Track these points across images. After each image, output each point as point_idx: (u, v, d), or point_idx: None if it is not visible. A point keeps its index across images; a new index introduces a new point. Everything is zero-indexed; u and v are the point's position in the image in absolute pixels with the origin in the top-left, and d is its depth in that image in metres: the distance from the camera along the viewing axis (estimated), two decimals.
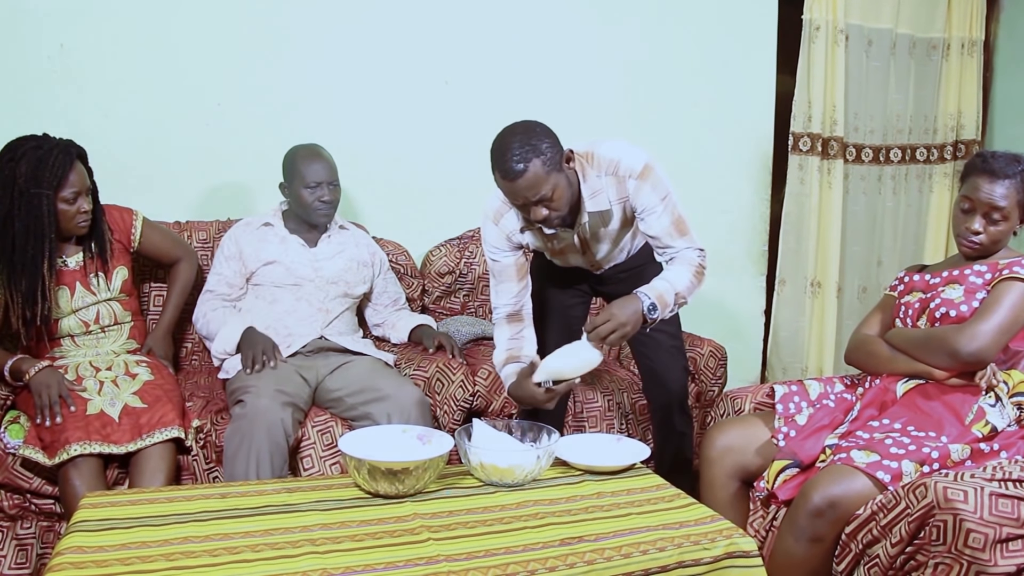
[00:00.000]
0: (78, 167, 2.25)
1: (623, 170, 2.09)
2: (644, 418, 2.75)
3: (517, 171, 1.92)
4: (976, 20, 3.83)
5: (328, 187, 2.55)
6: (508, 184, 1.95)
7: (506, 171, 1.93)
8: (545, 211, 2.00)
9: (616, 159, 2.09)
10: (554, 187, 1.98)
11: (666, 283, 2.08)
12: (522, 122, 2.00)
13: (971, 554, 1.57)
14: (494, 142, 1.99)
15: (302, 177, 2.52)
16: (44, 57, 2.71)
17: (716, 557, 1.53)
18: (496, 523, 1.60)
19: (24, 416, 2.17)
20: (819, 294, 3.72)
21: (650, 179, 2.09)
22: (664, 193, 2.10)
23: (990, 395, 1.93)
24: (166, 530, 1.51)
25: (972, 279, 2.03)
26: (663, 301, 2.04)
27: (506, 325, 2.25)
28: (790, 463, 1.94)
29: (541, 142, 1.95)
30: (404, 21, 3.10)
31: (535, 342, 2.26)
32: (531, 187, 1.94)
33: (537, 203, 1.98)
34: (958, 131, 3.90)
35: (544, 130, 1.99)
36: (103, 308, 2.37)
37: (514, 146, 1.92)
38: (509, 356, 2.22)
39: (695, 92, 3.53)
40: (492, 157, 1.97)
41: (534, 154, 1.93)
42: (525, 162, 1.92)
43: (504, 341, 2.24)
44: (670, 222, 2.12)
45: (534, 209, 2.00)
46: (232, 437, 2.15)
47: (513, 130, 1.97)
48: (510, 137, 1.95)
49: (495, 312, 2.28)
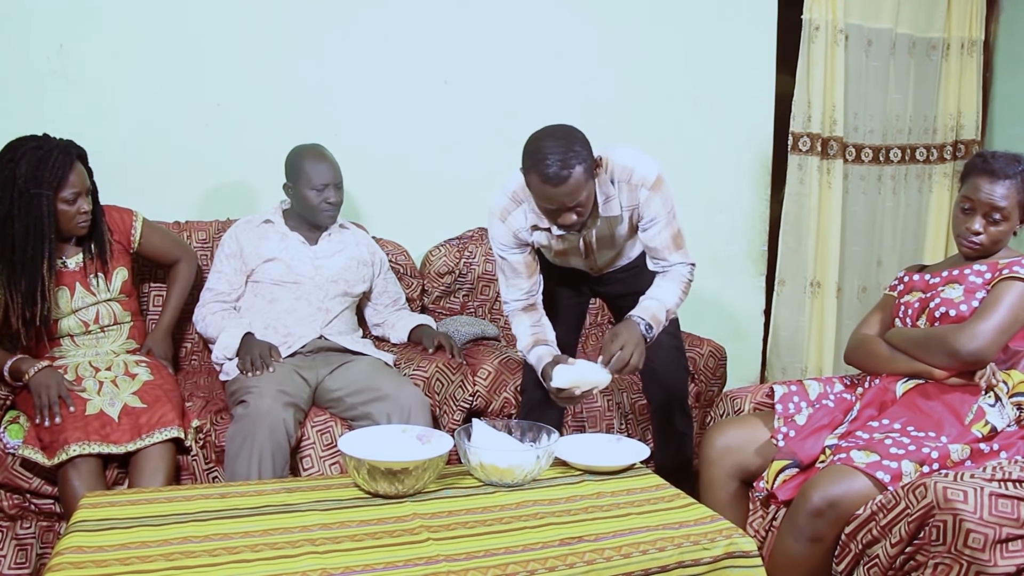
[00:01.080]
0: (78, 168, 2.25)
1: (636, 179, 2.09)
2: (644, 418, 2.75)
3: (562, 176, 1.90)
4: (976, 20, 3.83)
5: (334, 189, 2.56)
6: (549, 188, 1.93)
7: (548, 176, 1.91)
8: (574, 216, 1.99)
9: (630, 167, 2.09)
10: (588, 194, 1.99)
11: (658, 303, 2.13)
12: (561, 126, 1.99)
13: (971, 554, 1.57)
14: (530, 144, 1.97)
15: (308, 179, 2.52)
16: (44, 57, 2.71)
17: (716, 557, 1.53)
18: (496, 523, 1.60)
19: (24, 416, 2.17)
20: (819, 294, 3.72)
21: (661, 191, 2.10)
22: (670, 207, 2.13)
23: (990, 395, 1.93)
24: (166, 530, 1.51)
25: (972, 279, 2.03)
26: (656, 320, 2.12)
27: (524, 314, 2.25)
28: (790, 463, 1.94)
29: (583, 148, 1.95)
30: (403, 21, 3.10)
31: (553, 331, 2.26)
32: (571, 193, 1.94)
33: (571, 209, 1.98)
34: (958, 131, 3.90)
35: (582, 136, 1.98)
36: (103, 308, 2.37)
37: (558, 151, 1.91)
38: (536, 339, 2.22)
39: (695, 92, 3.53)
40: (529, 159, 1.95)
41: (577, 160, 1.92)
42: (569, 168, 1.90)
43: (527, 327, 2.24)
44: (670, 236, 2.16)
45: (565, 214, 1.99)
46: (234, 437, 2.15)
47: (554, 133, 1.96)
48: (551, 140, 1.93)
49: (507, 305, 2.28)
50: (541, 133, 1.98)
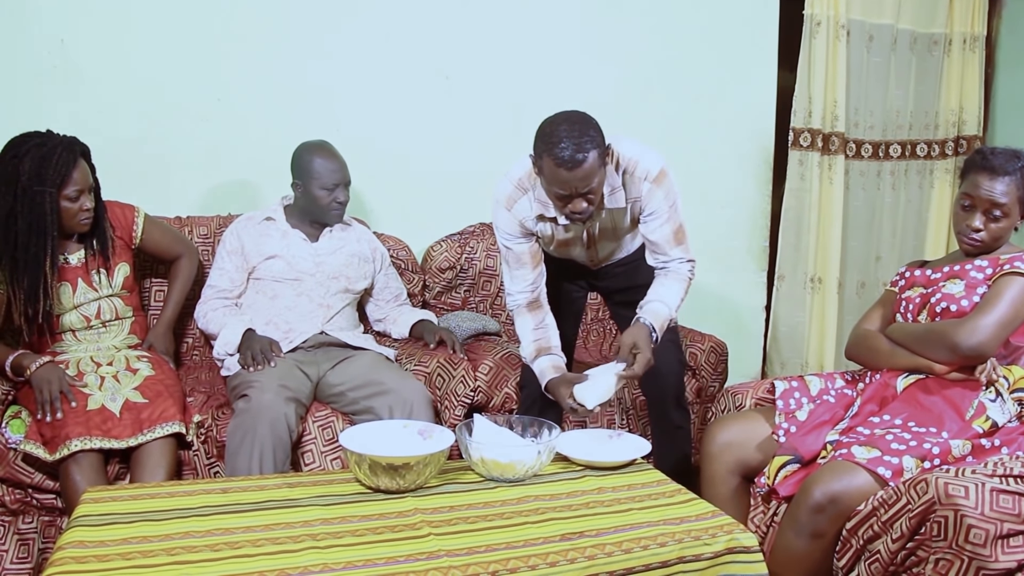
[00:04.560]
0: (81, 165, 2.25)
1: (640, 171, 2.09)
2: (644, 414, 2.75)
3: (577, 160, 1.90)
4: (978, 15, 3.82)
5: (344, 188, 2.56)
6: (563, 172, 1.92)
7: (563, 160, 1.90)
8: (585, 204, 1.99)
9: (635, 159, 2.09)
10: (600, 181, 1.98)
11: (664, 306, 2.14)
12: (574, 111, 1.98)
13: (972, 550, 1.58)
14: (544, 128, 1.96)
15: (320, 178, 2.52)
16: (45, 53, 2.71)
17: (717, 553, 1.53)
18: (497, 518, 1.60)
19: (25, 411, 2.17)
20: (819, 290, 3.71)
21: (664, 184, 2.10)
22: (672, 200, 2.12)
23: (990, 390, 1.93)
24: (167, 525, 1.51)
25: (973, 274, 2.03)
26: (662, 328, 2.13)
27: (527, 314, 2.24)
28: (791, 459, 1.94)
29: (597, 133, 1.95)
30: (404, 16, 3.09)
31: (558, 331, 2.26)
32: (585, 178, 1.93)
33: (583, 195, 1.97)
34: (959, 127, 3.89)
35: (595, 122, 1.98)
36: (104, 304, 2.37)
37: (573, 135, 1.90)
38: (539, 348, 2.21)
39: (696, 87, 3.52)
40: (543, 143, 1.94)
41: (592, 145, 1.91)
42: (584, 152, 1.90)
43: (529, 332, 2.23)
44: (672, 231, 2.15)
45: (576, 200, 1.98)
46: (235, 432, 2.15)
47: (569, 118, 1.95)
48: (567, 125, 1.92)
49: (511, 300, 2.26)
50: (556, 117, 1.97)
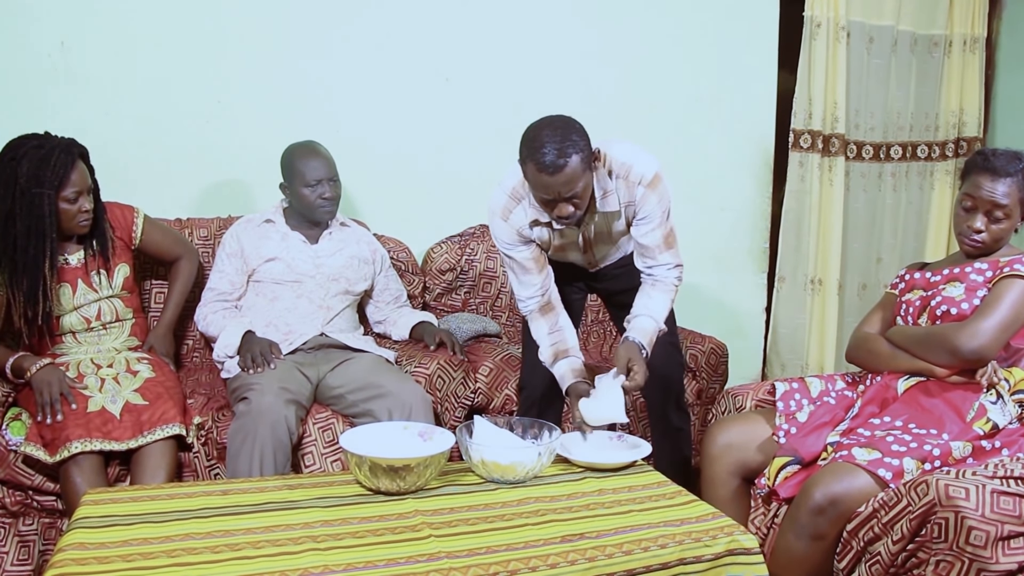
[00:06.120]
0: (79, 166, 2.25)
1: (634, 175, 2.09)
2: (644, 415, 2.75)
3: (558, 165, 1.90)
4: (978, 17, 3.82)
5: (329, 184, 2.55)
6: (545, 178, 1.92)
7: (545, 164, 1.90)
8: (571, 208, 1.99)
9: (629, 163, 2.09)
10: (585, 185, 1.98)
11: (652, 321, 2.15)
12: (558, 116, 1.99)
13: (972, 551, 1.57)
14: (528, 133, 1.96)
15: (302, 176, 2.52)
16: (45, 55, 2.71)
17: (717, 554, 1.53)
18: (497, 520, 1.60)
19: (26, 413, 2.17)
20: (820, 291, 3.71)
21: (658, 189, 2.10)
22: (666, 206, 2.12)
23: (991, 392, 1.93)
24: (168, 527, 1.51)
25: (973, 277, 2.03)
26: (650, 341, 2.15)
27: (541, 318, 2.24)
28: (791, 460, 1.94)
29: (580, 138, 1.95)
30: (405, 18, 3.10)
31: (574, 330, 2.26)
32: (568, 182, 1.93)
33: (567, 199, 1.97)
34: (960, 128, 3.89)
35: (580, 126, 1.98)
36: (104, 305, 2.37)
37: (555, 140, 1.90)
38: (556, 352, 2.21)
39: (696, 89, 3.52)
40: (527, 148, 1.94)
41: (574, 150, 1.91)
42: (566, 157, 1.90)
43: (545, 336, 2.23)
44: (663, 235, 2.15)
45: (561, 205, 1.98)
46: (236, 434, 2.15)
47: (552, 123, 1.95)
48: (549, 130, 1.93)
49: (523, 306, 2.26)
50: (539, 123, 1.97)
